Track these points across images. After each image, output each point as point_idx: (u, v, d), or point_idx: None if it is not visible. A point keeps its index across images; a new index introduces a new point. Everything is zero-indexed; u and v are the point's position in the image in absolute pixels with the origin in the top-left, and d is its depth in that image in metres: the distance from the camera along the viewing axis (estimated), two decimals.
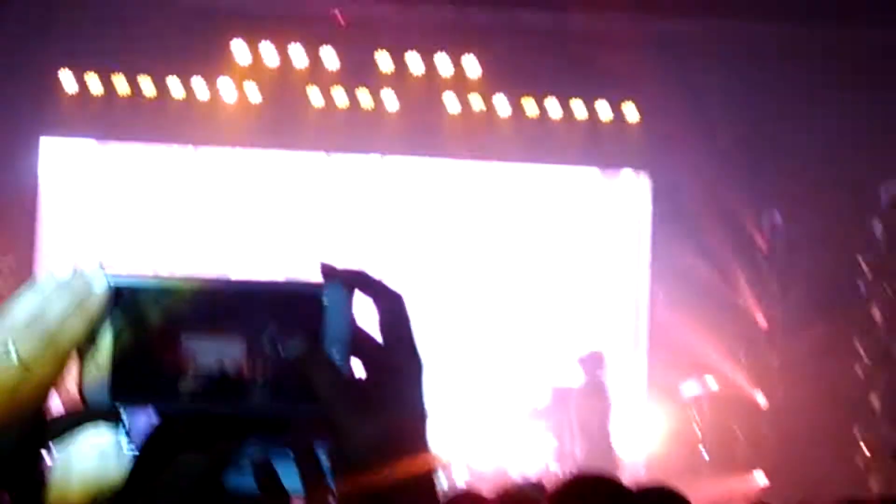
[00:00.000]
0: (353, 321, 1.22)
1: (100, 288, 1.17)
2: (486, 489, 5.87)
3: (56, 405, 1.21)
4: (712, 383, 14.50)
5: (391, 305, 1.24)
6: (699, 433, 14.54)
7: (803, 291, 14.59)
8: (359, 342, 1.22)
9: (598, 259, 15.96)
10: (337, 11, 13.67)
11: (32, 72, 14.60)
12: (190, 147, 15.74)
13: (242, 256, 15.51)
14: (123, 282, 1.20)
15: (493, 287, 15.78)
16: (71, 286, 1.17)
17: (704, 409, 14.49)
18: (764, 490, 14.20)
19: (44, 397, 1.18)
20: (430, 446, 1.24)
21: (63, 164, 15.58)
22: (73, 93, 14.99)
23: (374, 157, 15.77)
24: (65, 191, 15.69)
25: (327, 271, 1.22)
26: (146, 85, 14.99)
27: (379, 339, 1.24)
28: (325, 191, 15.89)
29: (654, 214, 15.54)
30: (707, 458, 14.51)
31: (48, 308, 1.16)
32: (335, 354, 1.20)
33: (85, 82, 14.98)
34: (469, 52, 14.79)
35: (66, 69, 14.90)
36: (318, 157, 15.82)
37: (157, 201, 15.75)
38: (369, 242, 15.76)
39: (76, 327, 1.17)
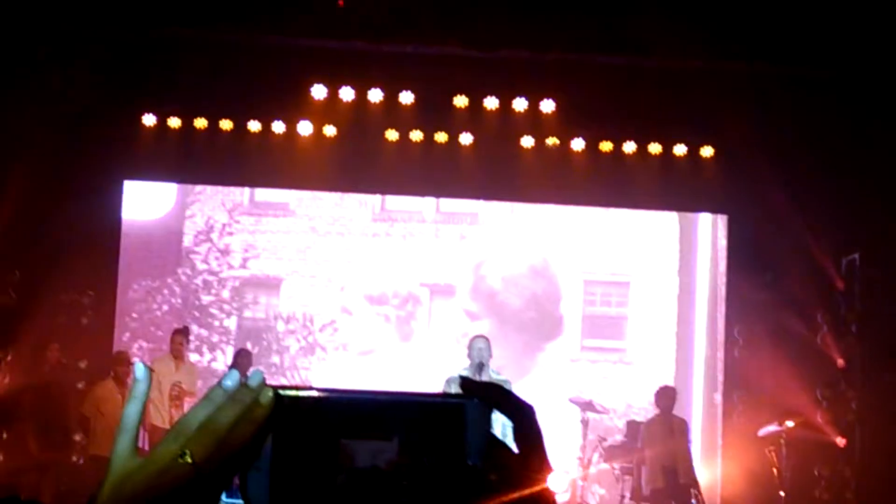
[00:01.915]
0: (490, 432, 1.35)
1: (265, 399, 1.31)
2: None
3: None
4: (790, 423, 14.42)
5: (524, 419, 1.39)
6: (777, 474, 14.43)
7: (881, 331, 14.52)
8: (496, 451, 1.35)
9: (676, 298, 16.01)
10: None
11: (117, 116, 14.85)
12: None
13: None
14: (286, 393, 1.33)
15: (569, 324, 15.86)
16: (238, 397, 1.31)
17: (782, 449, 14.38)
18: None
19: (213, 495, 1.31)
20: None
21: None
22: (156, 136, 15.19)
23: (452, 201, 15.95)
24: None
25: (468, 388, 1.36)
26: (227, 127, 15.15)
27: (514, 448, 1.38)
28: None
29: (732, 255, 15.58)
30: (784, 499, 14.42)
31: (219, 417, 1.30)
32: (474, 461, 1.34)
33: (167, 126, 15.19)
34: (546, 95, 14.83)
35: (150, 113, 15.11)
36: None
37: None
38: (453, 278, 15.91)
39: (243, 434, 1.30)
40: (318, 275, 16.45)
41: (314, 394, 1.35)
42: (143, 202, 15.97)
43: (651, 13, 12.71)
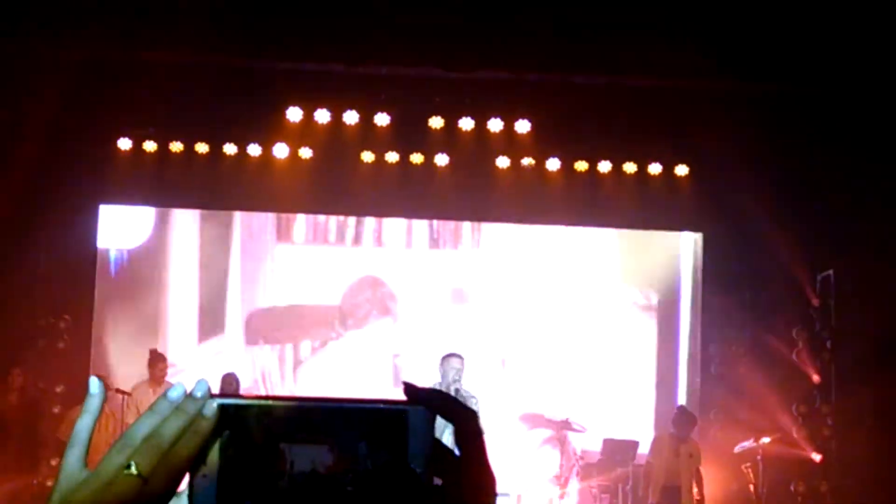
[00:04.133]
0: (433, 437, 1.37)
1: (209, 410, 1.34)
2: None
3: None
4: (766, 440, 14.49)
5: (466, 424, 1.41)
6: (753, 490, 14.49)
7: (856, 347, 14.60)
8: (438, 455, 1.37)
9: (650, 317, 16.07)
10: None
11: (92, 140, 14.83)
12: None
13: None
14: (229, 403, 1.36)
15: (546, 345, 15.90)
16: (184, 408, 1.33)
17: (759, 465, 14.45)
18: None
19: None
20: None
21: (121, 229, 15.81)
22: (131, 160, 15.17)
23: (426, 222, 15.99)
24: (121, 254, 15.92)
25: (410, 393, 1.39)
26: (203, 151, 15.15)
27: (456, 451, 1.41)
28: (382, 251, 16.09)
29: (707, 272, 15.67)
30: None
31: (164, 428, 1.32)
32: (416, 466, 1.36)
33: (143, 150, 15.18)
34: (521, 115, 14.89)
35: (125, 137, 15.10)
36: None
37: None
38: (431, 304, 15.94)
39: (189, 445, 1.33)
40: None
41: (258, 402, 1.37)
42: (122, 229, 15.91)
43: (624, 33, 12.78)
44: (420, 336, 15.92)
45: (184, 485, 1.35)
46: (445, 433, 1.40)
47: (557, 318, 16.02)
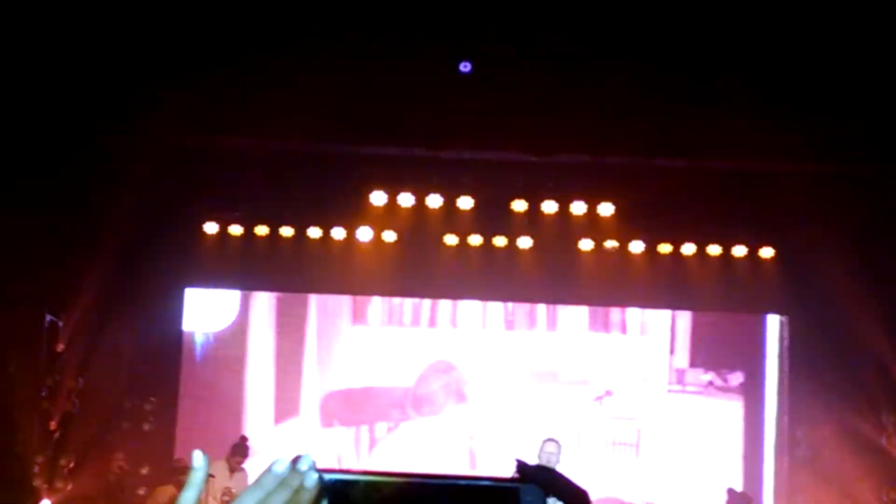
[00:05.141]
0: None
1: (311, 483, 1.32)
2: None
3: None
4: None
5: (577, 502, 1.40)
6: None
7: None
8: None
9: (737, 400, 15.90)
10: None
11: (179, 224, 15.03)
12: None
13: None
14: (334, 478, 1.34)
15: (634, 427, 15.78)
16: (287, 482, 1.32)
17: None
18: None
19: None
20: None
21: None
22: (217, 244, 15.35)
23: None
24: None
25: (524, 472, 1.38)
26: (287, 234, 15.29)
27: None
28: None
29: (793, 356, 15.48)
30: None
31: (268, 501, 1.32)
32: None
33: (228, 233, 15.35)
34: (604, 198, 14.90)
35: (211, 221, 15.28)
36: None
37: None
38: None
39: None
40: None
41: (365, 477, 1.35)
42: (208, 312, 16.05)
43: (708, 116, 12.78)
44: (494, 417, 15.87)
45: None
46: None
47: (629, 400, 15.88)
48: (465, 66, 12.90)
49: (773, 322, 15.93)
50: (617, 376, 15.92)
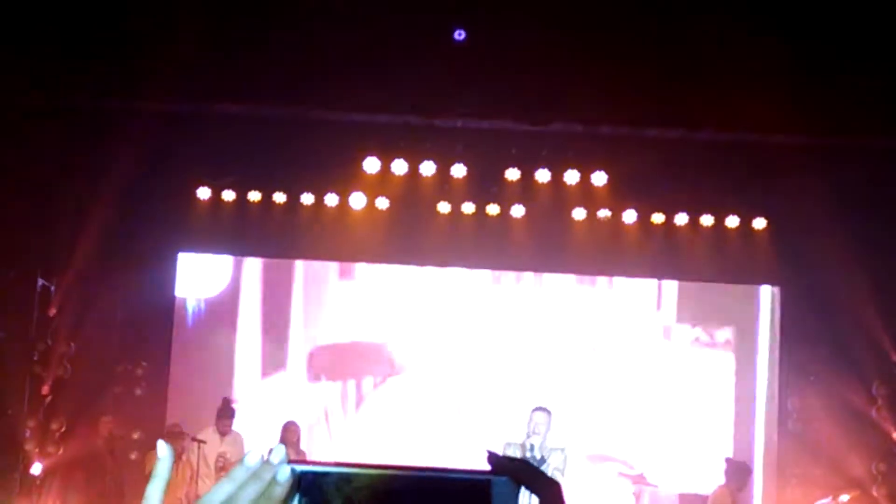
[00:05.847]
0: None
1: (284, 476, 1.31)
2: None
3: None
4: (844, 497, 14.27)
5: (550, 495, 1.40)
6: None
7: None
8: None
9: (731, 371, 15.92)
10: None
11: (171, 189, 15.01)
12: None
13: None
14: (306, 470, 1.34)
15: (622, 396, 15.80)
16: (259, 475, 1.31)
17: None
18: None
19: None
20: None
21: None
22: (210, 209, 15.34)
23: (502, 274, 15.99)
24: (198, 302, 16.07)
25: (494, 464, 1.37)
26: (280, 201, 15.27)
27: None
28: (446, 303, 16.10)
29: (785, 327, 15.50)
30: None
31: (240, 495, 1.31)
32: None
33: (221, 199, 15.34)
34: (598, 167, 14.88)
35: (204, 186, 15.27)
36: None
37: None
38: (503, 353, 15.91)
39: None
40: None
41: (337, 469, 1.34)
42: (200, 279, 16.05)
43: (702, 86, 12.75)
44: (481, 373, 15.91)
45: None
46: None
47: (619, 363, 15.90)
48: (459, 34, 12.86)
49: (766, 292, 15.94)
50: (604, 330, 15.92)
